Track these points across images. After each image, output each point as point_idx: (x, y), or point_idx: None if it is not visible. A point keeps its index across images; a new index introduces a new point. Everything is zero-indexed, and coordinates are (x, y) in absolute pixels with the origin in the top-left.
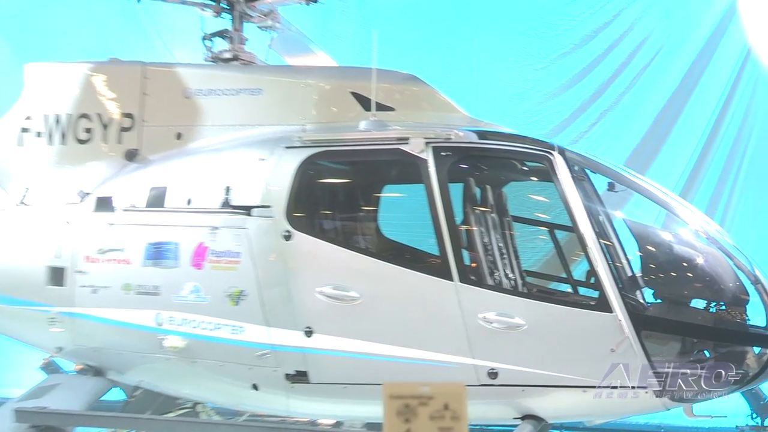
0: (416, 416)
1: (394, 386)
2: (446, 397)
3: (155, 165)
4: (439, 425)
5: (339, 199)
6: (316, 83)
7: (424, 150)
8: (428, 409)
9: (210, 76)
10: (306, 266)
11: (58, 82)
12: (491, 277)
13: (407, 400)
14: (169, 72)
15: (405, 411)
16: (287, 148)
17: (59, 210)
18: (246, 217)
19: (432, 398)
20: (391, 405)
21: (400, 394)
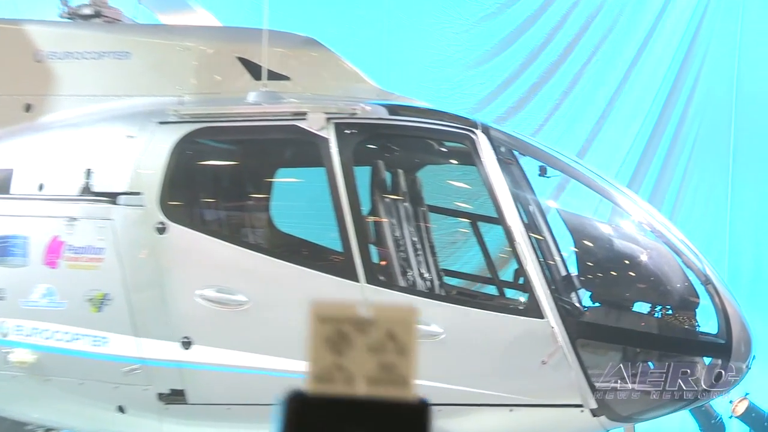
0: (350, 347)
1: (325, 306)
2: (391, 323)
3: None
4: (379, 360)
5: (223, 185)
6: (196, 46)
7: (324, 127)
8: (367, 338)
9: (66, 35)
10: (183, 265)
11: None
12: (403, 277)
13: (341, 324)
14: (15, 30)
15: (337, 339)
16: (161, 123)
17: None
18: (111, 206)
19: (373, 324)
20: (319, 330)
21: (331, 316)
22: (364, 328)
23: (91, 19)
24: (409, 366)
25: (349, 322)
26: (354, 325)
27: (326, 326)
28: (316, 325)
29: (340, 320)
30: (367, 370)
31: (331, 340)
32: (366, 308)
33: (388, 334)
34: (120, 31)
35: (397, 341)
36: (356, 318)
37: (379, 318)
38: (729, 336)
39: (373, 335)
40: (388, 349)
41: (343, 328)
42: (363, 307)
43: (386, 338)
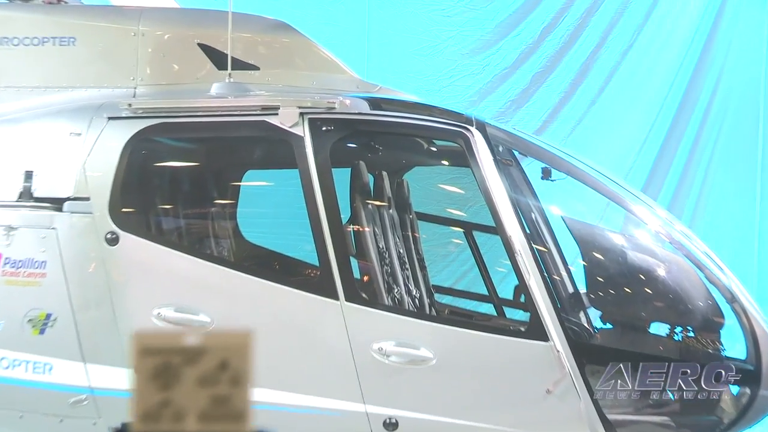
0: (179, 380)
1: (149, 337)
2: (223, 351)
3: None
4: (211, 393)
5: (182, 190)
6: (151, 31)
7: (298, 123)
8: (197, 369)
9: (2, 19)
10: (138, 280)
11: None
12: (388, 294)
13: (167, 356)
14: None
15: (164, 372)
16: (111, 119)
17: None
18: (54, 214)
19: (203, 354)
20: (143, 364)
21: (157, 347)
22: (193, 359)
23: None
24: (244, 398)
25: (176, 353)
26: (182, 356)
27: (151, 359)
28: (139, 359)
29: (166, 351)
30: (198, 404)
31: (157, 373)
32: (195, 336)
33: (220, 363)
34: (63, 13)
35: (230, 371)
36: (184, 348)
37: (210, 346)
38: (758, 361)
39: (203, 366)
40: (221, 380)
41: (170, 360)
42: (192, 336)
43: (218, 369)
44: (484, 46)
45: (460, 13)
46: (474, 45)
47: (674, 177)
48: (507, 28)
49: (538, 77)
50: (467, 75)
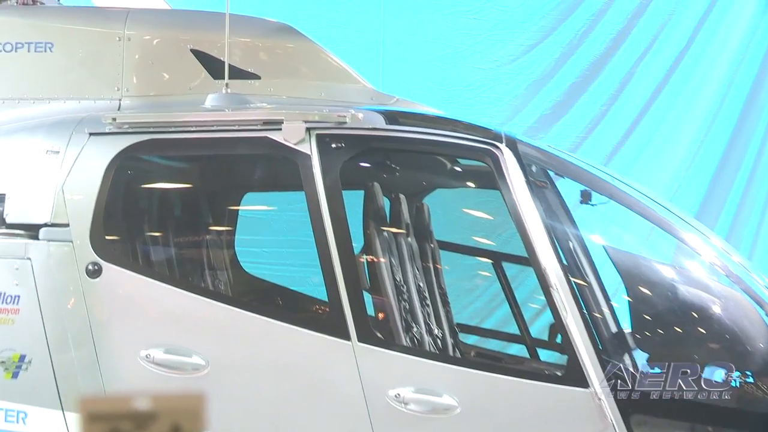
0: None
1: (96, 402)
2: (174, 415)
3: None
4: None
5: (174, 215)
6: (138, 35)
7: (304, 139)
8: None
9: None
10: (123, 317)
11: None
12: (406, 333)
13: (117, 421)
14: None
15: None
16: (93, 134)
17: None
18: (29, 242)
19: (153, 418)
20: (91, 431)
21: (104, 412)
22: (143, 424)
23: (3, 0)
24: None
25: (125, 417)
26: (132, 420)
27: (99, 425)
28: (87, 426)
29: (114, 417)
30: None
31: None
32: (145, 400)
33: (172, 427)
34: (40, 15)
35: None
36: (134, 412)
37: (161, 410)
38: None
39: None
40: None
41: (119, 425)
42: (142, 400)
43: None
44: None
45: (489, 16)
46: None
47: (732, 201)
48: (541, 32)
49: (576, 88)
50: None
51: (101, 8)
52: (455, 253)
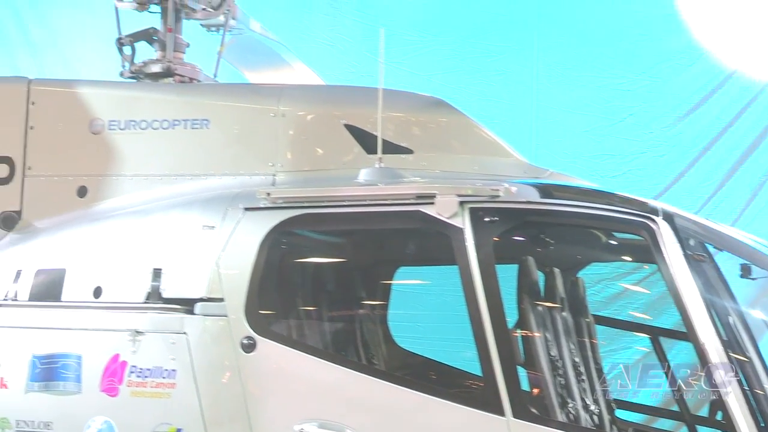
0: None
1: None
2: None
3: (46, 236)
4: None
5: (327, 289)
6: (292, 111)
7: (457, 213)
8: None
9: (130, 99)
10: (277, 391)
11: None
12: (562, 409)
13: None
14: (68, 94)
15: None
16: (248, 209)
17: None
18: (185, 317)
19: None
20: None
21: None
22: None
23: (160, 78)
24: None
25: None
26: None
27: None
28: None
29: None
30: None
31: None
32: None
33: None
34: (197, 93)
35: None
36: None
37: None
38: None
39: None
40: None
41: None
42: None
43: None
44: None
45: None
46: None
47: None
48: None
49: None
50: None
51: (256, 85)
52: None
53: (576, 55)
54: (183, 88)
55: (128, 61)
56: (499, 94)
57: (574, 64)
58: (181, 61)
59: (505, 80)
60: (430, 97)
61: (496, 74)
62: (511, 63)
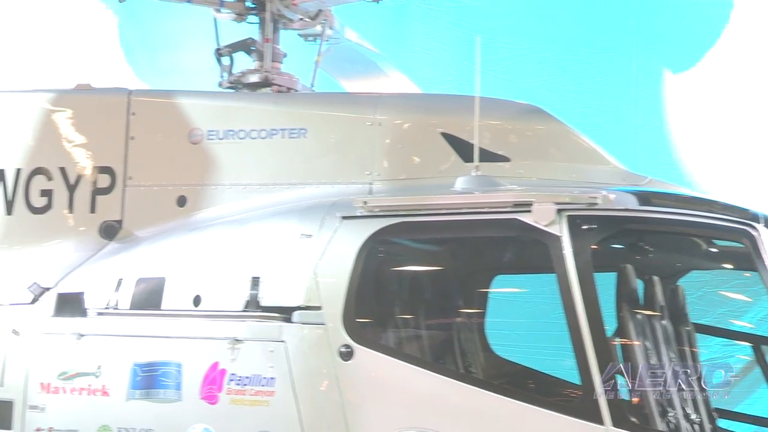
0: None
1: None
2: None
3: (146, 245)
4: None
5: (424, 298)
6: (389, 120)
7: (554, 221)
8: None
9: (228, 110)
10: (374, 400)
11: (2, 122)
12: (663, 418)
13: None
14: (168, 104)
15: None
16: (345, 218)
17: (2, 314)
18: (283, 325)
19: None
20: None
21: None
22: None
23: (258, 88)
24: None
25: None
26: None
27: None
28: None
29: None
30: None
31: None
32: None
33: None
34: (294, 102)
35: None
36: None
37: None
38: None
39: None
40: None
41: None
42: None
43: None
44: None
45: None
46: None
47: None
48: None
49: None
50: None
51: (353, 94)
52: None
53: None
54: (280, 98)
55: (227, 72)
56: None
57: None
58: (278, 70)
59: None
60: (527, 105)
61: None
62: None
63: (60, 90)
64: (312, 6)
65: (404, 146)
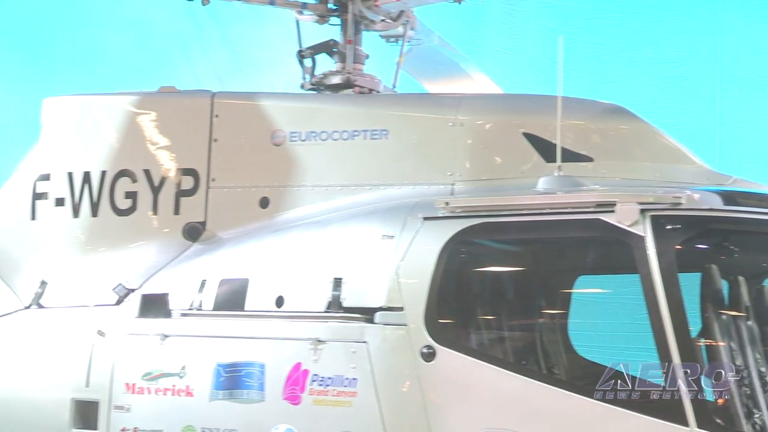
0: None
1: None
2: None
3: (229, 246)
4: None
5: (506, 299)
6: (471, 120)
7: (638, 221)
8: None
9: (310, 111)
10: (458, 401)
11: (88, 125)
12: (748, 420)
13: None
14: (250, 106)
15: None
16: (427, 219)
17: (88, 315)
18: (365, 325)
19: None
20: None
21: None
22: None
23: (340, 89)
24: None
25: None
26: None
27: None
28: None
29: None
30: None
31: None
32: None
33: None
34: (376, 103)
35: None
36: None
37: None
38: None
39: None
40: None
41: None
42: None
43: None
44: None
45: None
46: None
47: None
48: None
49: None
50: None
51: (434, 94)
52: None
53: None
54: (362, 99)
55: (309, 73)
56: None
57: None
58: (360, 72)
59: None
60: (609, 104)
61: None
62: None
63: (144, 93)
64: (394, 7)
65: (486, 147)
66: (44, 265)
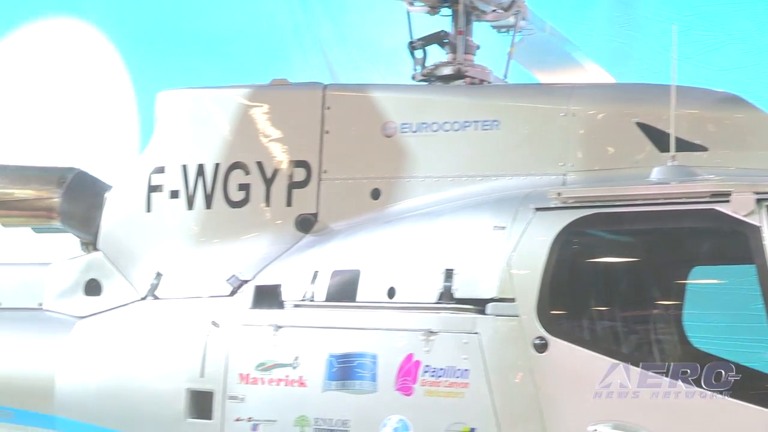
0: None
1: None
2: None
3: (341, 238)
4: None
5: (619, 289)
6: (583, 110)
7: (753, 211)
8: None
9: (421, 102)
10: (571, 392)
11: (201, 118)
12: None
13: None
14: (361, 98)
15: None
16: (538, 210)
17: (202, 306)
18: (477, 317)
19: None
20: None
21: None
22: None
23: (451, 80)
24: None
25: None
26: None
27: None
28: None
29: None
30: None
31: None
32: None
33: None
34: (486, 94)
35: None
36: None
37: None
38: None
39: None
40: None
41: None
42: None
43: None
44: None
45: None
46: None
47: None
48: None
49: None
50: None
51: (546, 85)
52: None
53: None
54: (473, 90)
55: (420, 65)
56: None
57: None
58: (471, 63)
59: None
60: (724, 93)
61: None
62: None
63: (257, 86)
64: None
65: (598, 137)
66: (159, 256)
